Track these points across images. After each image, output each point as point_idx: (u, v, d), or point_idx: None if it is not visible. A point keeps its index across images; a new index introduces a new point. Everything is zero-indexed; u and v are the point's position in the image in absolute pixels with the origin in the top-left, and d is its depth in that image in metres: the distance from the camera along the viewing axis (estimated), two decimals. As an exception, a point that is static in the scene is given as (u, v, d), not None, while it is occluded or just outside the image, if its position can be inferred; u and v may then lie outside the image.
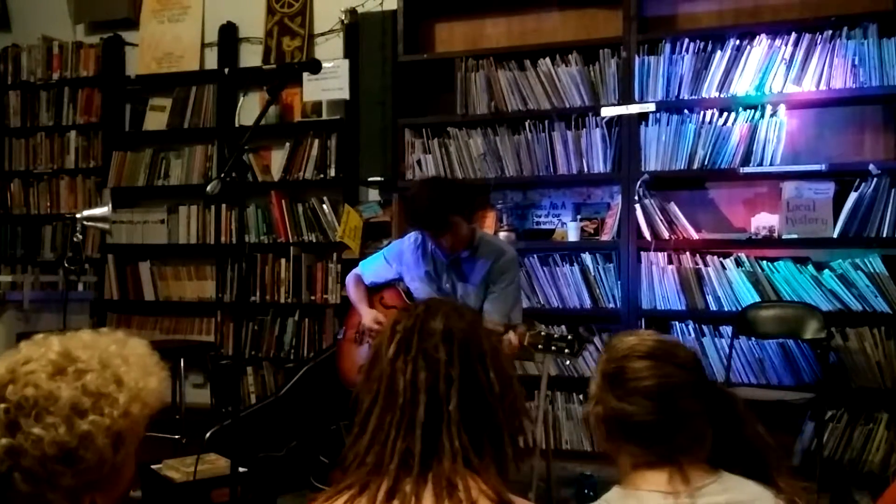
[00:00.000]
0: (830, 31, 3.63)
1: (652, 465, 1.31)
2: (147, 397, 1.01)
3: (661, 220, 3.81)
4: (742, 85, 3.75)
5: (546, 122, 4.06)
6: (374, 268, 3.25)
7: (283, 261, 4.64)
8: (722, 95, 3.78)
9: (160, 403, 1.05)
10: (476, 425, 1.12)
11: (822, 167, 3.64)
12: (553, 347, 2.61)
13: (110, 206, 4.12)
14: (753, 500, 1.30)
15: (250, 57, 4.87)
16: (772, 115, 3.70)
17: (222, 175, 2.28)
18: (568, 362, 3.77)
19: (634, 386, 1.33)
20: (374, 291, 3.25)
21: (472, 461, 1.09)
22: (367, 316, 3.13)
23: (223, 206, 4.78)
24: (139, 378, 1.01)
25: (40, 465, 0.90)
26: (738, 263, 3.74)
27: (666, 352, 1.37)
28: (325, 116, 4.60)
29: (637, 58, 3.89)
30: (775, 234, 3.72)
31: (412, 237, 3.17)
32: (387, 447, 1.10)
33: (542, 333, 2.65)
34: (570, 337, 2.60)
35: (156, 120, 5.04)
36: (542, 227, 4.22)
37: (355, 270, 3.32)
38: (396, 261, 3.17)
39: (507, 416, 1.16)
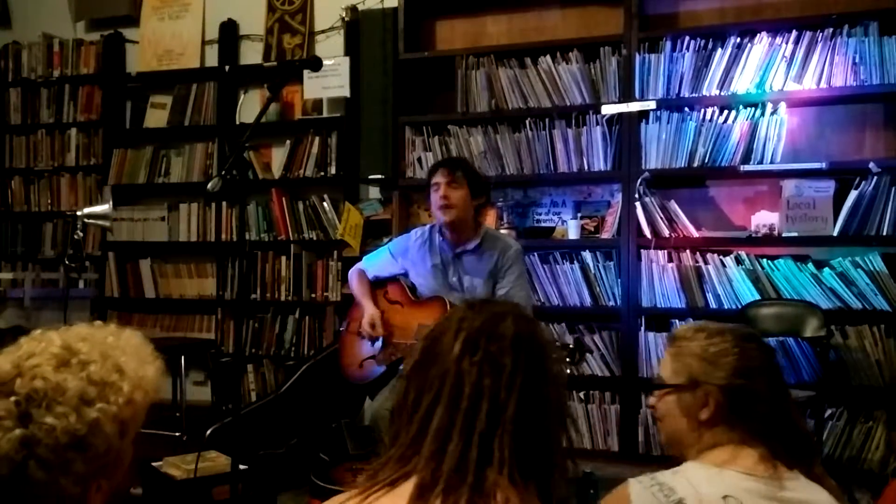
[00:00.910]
0: (831, 29, 3.63)
1: (747, 443, 1.35)
2: (147, 385, 1.06)
3: (661, 218, 3.81)
4: (743, 83, 3.75)
5: (546, 119, 4.06)
6: (377, 262, 3.26)
7: (283, 258, 4.64)
8: (722, 93, 3.78)
9: (158, 392, 1.08)
10: (527, 439, 1.09)
11: (823, 165, 3.64)
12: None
13: (111, 203, 4.13)
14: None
15: (251, 54, 4.87)
16: (772, 114, 3.70)
17: (223, 172, 2.28)
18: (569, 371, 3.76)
19: (753, 365, 1.39)
20: (377, 286, 3.25)
21: (516, 475, 1.06)
22: (367, 315, 3.12)
23: (224, 203, 4.78)
24: (138, 367, 1.06)
25: (53, 453, 0.94)
26: (739, 261, 3.74)
27: (753, 335, 1.45)
28: (325, 114, 4.59)
29: (638, 55, 3.89)
30: (775, 233, 3.72)
31: (417, 232, 3.20)
32: (447, 450, 1.07)
33: None
34: (571, 346, 2.60)
35: (156, 117, 5.04)
36: (543, 225, 4.22)
37: (358, 265, 3.32)
38: (402, 256, 3.18)
39: (557, 433, 1.14)
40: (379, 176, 4.35)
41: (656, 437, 3.70)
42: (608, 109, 3.92)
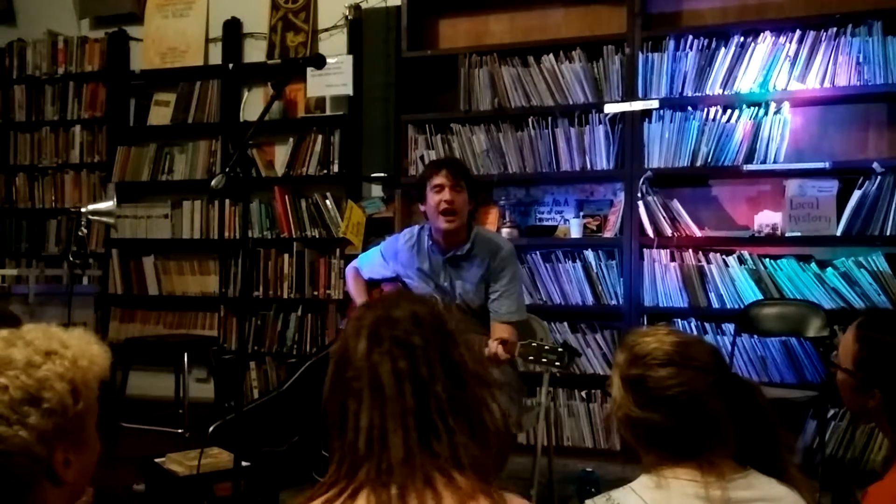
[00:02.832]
0: (835, 29, 3.62)
1: (680, 463, 1.32)
2: (92, 355, 1.14)
3: (663, 218, 3.81)
4: (746, 82, 3.75)
5: (549, 118, 4.06)
6: (370, 264, 3.22)
7: (286, 256, 4.65)
8: (726, 93, 3.78)
9: (106, 368, 1.17)
10: (459, 405, 1.12)
11: (826, 165, 3.63)
12: (543, 360, 2.57)
13: (115, 200, 4.13)
14: (779, 498, 1.31)
15: (254, 52, 4.88)
16: (775, 113, 3.69)
17: (227, 170, 2.28)
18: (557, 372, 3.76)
19: (656, 395, 1.33)
20: (373, 286, 3.24)
21: (464, 443, 1.09)
22: None
23: (227, 201, 4.79)
24: (81, 342, 1.15)
25: (10, 409, 1.04)
26: (741, 261, 3.73)
27: (686, 355, 1.35)
28: (328, 112, 4.60)
29: (641, 54, 3.89)
30: (778, 232, 3.72)
31: (406, 234, 3.12)
32: (386, 442, 1.09)
33: (534, 345, 2.61)
34: (560, 350, 2.56)
35: (160, 115, 5.05)
36: (545, 223, 4.22)
37: (353, 264, 3.29)
38: (392, 259, 3.13)
39: (482, 391, 1.16)
40: (381, 174, 4.36)
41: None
42: (611, 108, 3.92)
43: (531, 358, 2.60)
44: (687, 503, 1.28)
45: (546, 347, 2.59)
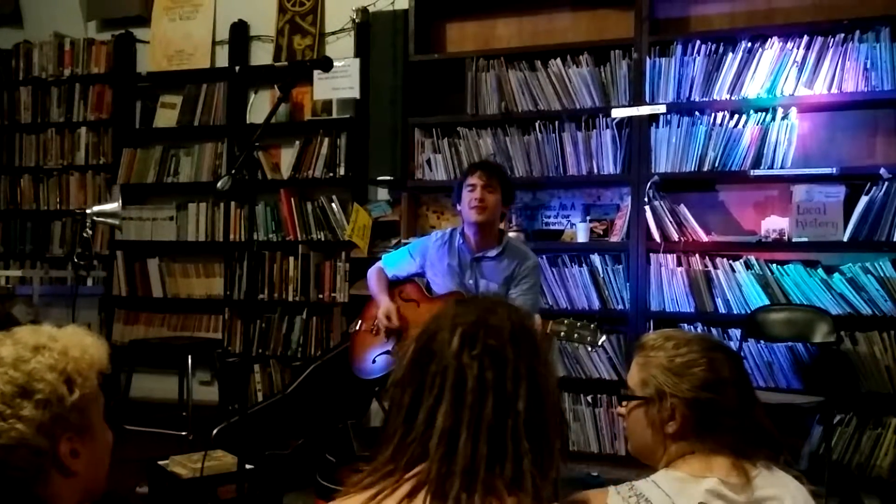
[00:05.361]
0: (843, 35, 3.62)
1: (717, 452, 1.34)
2: (83, 345, 1.15)
3: (670, 222, 3.80)
4: (753, 87, 3.74)
5: (556, 122, 4.05)
6: (396, 261, 3.30)
7: (291, 259, 4.65)
8: (733, 98, 3.77)
9: (103, 358, 1.17)
10: (535, 432, 1.07)
11: (833, 170, 3.62)
12: (576, 335, 2.68)
13: (120, 202, 4.14)
14: (793, 494, 1.33)
15: (261, 55, 4.88)
16: (783, 118, 3.69)
17: (233, 172, 2.29)
18: (590, 349, 3.76)
19: (710, 377, 1.37)
20: (393, 285, 3.27)
21: (530, 468, 1.05)
22: (383, 308, 3.14)
23: (232, 203, 4.79)
24: (73, 335, 1.17)
25: (3, 404, 1.06)
26: (748, 266, 3.72)
27: (716, 344, 1.44)
28: (335, 115, 4.60)
29: (648, 59, 3.88)
30: (785, 237, 3.71)
31: (437, 234, 3.24)
32: (457, 450, 1.04)
33: (566, 321, 2.72)
34: (592, 325, 2.68)
35: (166, 117, 5.06)
36: (552, 227, 4.22)
37: (378, 264, 3.35)
38: (420, 255, 3.22)
39: (558, 428, 1.13)
40: (388, 177, 4.35)
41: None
42: (618, 113, 3.92)
43: (563, 334, 2.70)
44: (707, 497, 1.29)
45: (578, 324, 2.69)
